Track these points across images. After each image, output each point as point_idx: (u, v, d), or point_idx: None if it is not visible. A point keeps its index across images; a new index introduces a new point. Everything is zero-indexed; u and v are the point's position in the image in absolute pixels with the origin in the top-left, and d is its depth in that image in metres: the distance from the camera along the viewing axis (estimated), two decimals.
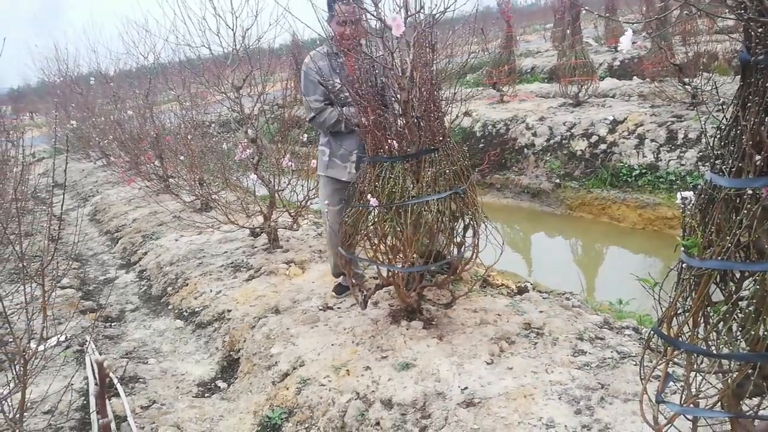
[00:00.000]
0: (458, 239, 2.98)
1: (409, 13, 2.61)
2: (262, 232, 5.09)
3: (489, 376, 2.63)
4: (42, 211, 8.76)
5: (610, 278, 5.88)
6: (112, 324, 4.24)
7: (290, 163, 4.81)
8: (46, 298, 2.36)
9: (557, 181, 7.98)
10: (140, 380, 3.22)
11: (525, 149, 8.68)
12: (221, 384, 3.27)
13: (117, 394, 2.90)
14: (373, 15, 2.65)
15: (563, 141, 8.27)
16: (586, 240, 7.15)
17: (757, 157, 1.41)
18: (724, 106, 1.54)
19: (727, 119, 1.51)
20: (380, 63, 2.73)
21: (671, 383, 1.82)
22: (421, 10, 2.64)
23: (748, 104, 1.42)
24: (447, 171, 2.79)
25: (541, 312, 3.25)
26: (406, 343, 2.96)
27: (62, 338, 3.52)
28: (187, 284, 4.58)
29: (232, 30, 4.49)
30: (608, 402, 2.36)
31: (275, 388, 2.93)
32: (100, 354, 3.45)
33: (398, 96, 2.74)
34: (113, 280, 5.39)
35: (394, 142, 2.76)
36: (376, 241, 2.92)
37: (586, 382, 2.49)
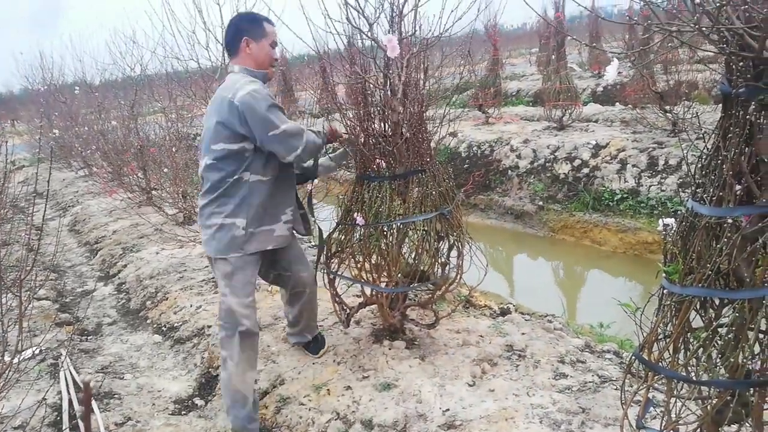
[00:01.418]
0: (442, 259, 2.99)
1: (402, 35, 2.64)
2: None
3: (471, 398, 2.62)
4: (20, 221, 8.61)
5: (591, 301, 5.92)
6: (89, 338, 4.15)
7: None
8: (22, 310, 2.31)
9: (540, 203, 8.06)
10: (115, 396, 3.15)
11: (509, 171, 8.76)
12: (199, 401, 3.21)
13: (91, 410, 2.83)
14: (366, 35, 2.68)
15: (547, 164, 8.37)
16: (568, 262, 7.20)
17: (737, 187, 1.44)
18: (705, 136, 1.57)
19: (708, 149, 1.54)
20: (372, 83, 2.75)
21: (651, 409, 1.83)
22: (415, 33, 2.67)
23: (729, 135, 1.45)
24: (433, 192, 2.81)
25: (523, 334, 3.25)
26: (388, 362, 2.95)
27: (37, 351, 3.44)
28: (167, 298, 4.52)
29: (222, 44, 4.49)
30: (589, 426, 2.36)
31: None
32: (76, 368, 3.38)
33: (389, 116, 2.75)
34: (91, 292, 5.29)
35: (382, 161, 2.77)
36: (360, 259, 2.92)
37: (567, 406, 2.49)
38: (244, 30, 2.50)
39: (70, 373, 3.23)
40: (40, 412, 2.77)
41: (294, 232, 2.79)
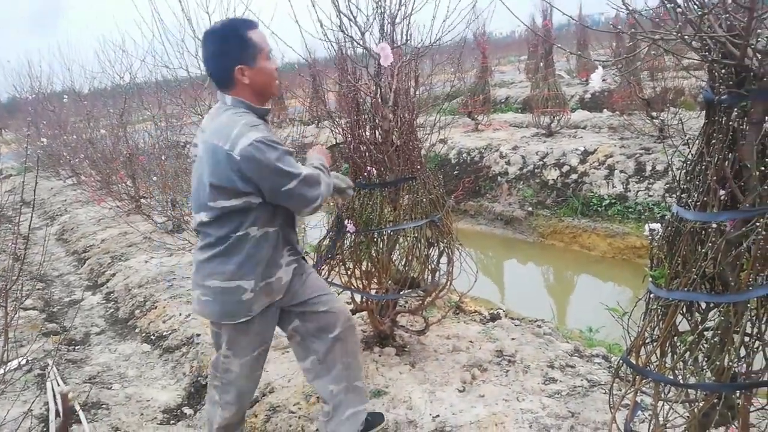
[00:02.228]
0: (433, 266, 3.00)
1: (394, 44, 2.65)
2: None
3: (461, 404, 2.62)
4: (7, 230, 8.52)
5: (580, 306, 5.95)
6: (76, 347, 4.11)
7: None
8: (8, 320, 2.28)
9: (530, 209, 8.10)
10: (103, 406, 3.12)
11: (499, 177, 8.81)
12: (188, 411, 3.18)
13: (79, 421, 2.80)
14: (359, 43, 2.69)
15: (536, 170, 8.42)
16: (558, 267, 7.24)
17: (721, 192, 1.46)
18: (690, 142, 1.59)
19: (692, 155, 1.56)
20: (363, 91, 2.76)
21: (640, 412, 1.85)
22: (407, 42, 2.69)
23: (713, 141, 1.47)
24: (424, 199, 2.82)
25: (513, 339, 3.26)
26: (378, 369, 2.94)
27: (23, 362, 3.40)
28: (156, 307, 4.48)
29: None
30: (578, 431, 2.36)
31: None
32: (63, 379, 3.34)
33: (380, 124, 2.76)
34: (79, 301, 5.24)
35: (374, 169, 2.78)
36: (351, 266, 2.92)
37: (557, 411, 2.50)
38: (236, 59, 1.96)
39: (57, 383, 3.20)
40: (26, 423, 2.73)
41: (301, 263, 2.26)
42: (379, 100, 2.73)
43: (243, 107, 2.01)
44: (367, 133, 2.80)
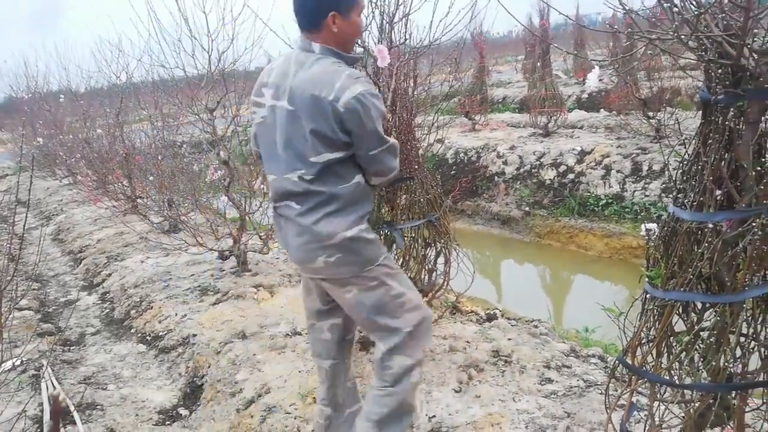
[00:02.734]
0: (430, 266, 3.00)
1: (392, 44, 2.65)
2: (231, 255, 5.02)
3: (457, 405, 2.61)
4: (2, 229, 8.50)
5: (576, 306, 5.95)
6: (71, 348, 4.09)
7: (262, 185, 4.78)
8: (2, 320, 2.27)
9: (527, 209, 8.10)
10: (98, 407, 3.11)
11: (496, 177, 8.81)
12: (183, 411, 3.17)
13: (73, 422, 2.79)
14: (357, 43, 2.68)
15: (533, 170, 8.42)
16: (554, 267, 7.24)
17: (718, 192, 1.46)
18: (686, 142, 1.59)
19: (689, 155, 1.56)
20: None
21: (635, 413, 1.84)
22: (405, 42, 2.68)
23: (709, 141, 1.47)
24: (421, 199, 2.81)
25: (509, 339, 3.26)
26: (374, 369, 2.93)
27: (18, 362, 3.39)
28: (152, 307, 4.47)
29: (208, 52, 4.48)
30: (574, 431, 2.36)
31: (239, 416, 2.85)
32: (58, 379, 3.33)
33: None
34: (74, 302, 5.22)
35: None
36: None
37: (553, 411, 2.50)
38: (333, 3, 1.86)
39: (52, 384, 3.18)
40: (20, 424, 2.72)
41: None
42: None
43: (334, 56, 1.89)
44: None
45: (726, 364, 1.48)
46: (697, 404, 1.55)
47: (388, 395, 2.03)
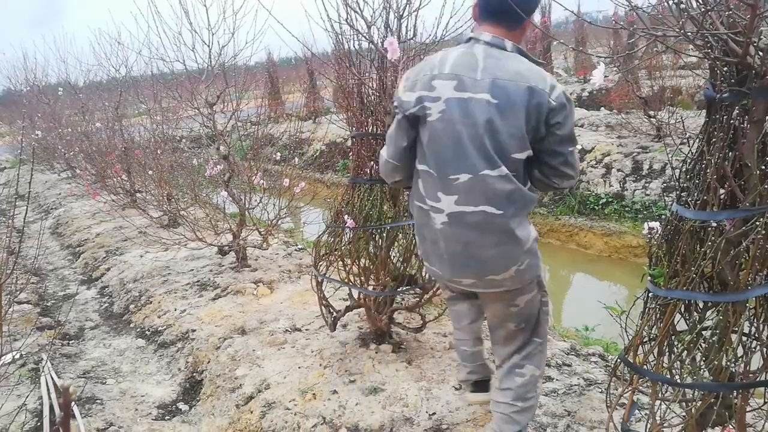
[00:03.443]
0: None
1: (401, 38, 2.63)
2: (230, 251, 5.01)
3: (457, 402, 2.61)
4: (1, 223, 8.48)
5: (577, 304, 5.95)
6: (71, 342, 4.09)
7: (262, 181, 4.77)
8: (2, 314, 2.26)
9: None
10: (97, 401, 3.11)
11: None
12: (183, 406, 3.17)
13: (73, 416, 2.78)
14: (365, 37, 2.67)
15: None
16: (554, 266, 7.24)
17: (721, 191, 1.45)
18: (689, 140, 1.59)
19: (692, 153, 1.56)
20: (368, 86, 2.74)
21: (636, 411, 1.84)
22: (414, 37, 2.67)
23: (713, 140, 1.46)
24: None
25: None
26: (374, 366, 2.93)
27: (17, 356, 3.38)
28: (151, 302, 4.46)
29: (208, 46, 4.47)
30: (574, 430, 2.36)
31: (239, 411, 2.85)
32: (57, 373, 3.32)
33: (382, 119, 2.74)
34: (73, 296, 5.21)
35: (374, 164, 2.76)
36: (349, 262, 2.90)
37: (553, 409, 2.50)
38: (532, 11, 1.87)
39: (52, 378, 3.18)
40: (20, 417, 2.72)
41: None
42: (383, 94, 2.71)
43: (524, 56, 1.83)
44: (370, 128, 2.79)
45: (728, 363, 1.48)
46: (698, 403, 1.55)
47: (519, 412, 2.04)
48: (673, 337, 1.60)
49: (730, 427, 1.56)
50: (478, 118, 1.73)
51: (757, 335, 1.48)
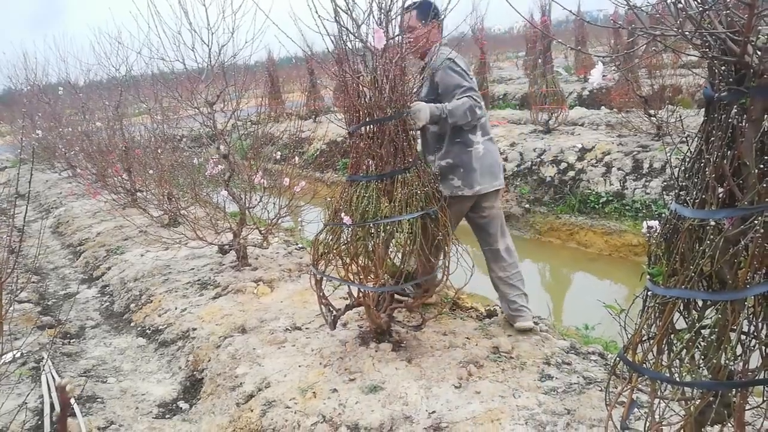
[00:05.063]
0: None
1: (389, 36, 2.64)
2: (230, 250, 5.02)
3: (457, 400, 2.62)
4: (2, 222, 8.48)
5: (577, 303, 5.96)
6: (71, 341, 4.10)
7: (262, 180, 4.78)
8: (2, 312, 2.27)
9: (527, 205, 8.10)
10: (98, 400, 3.11)
11: None
12: (183, 405, 3.18)
13: (73, 414, 2.79)
14: (354, 35, 2.67)
15: (533, 167, 8.41)
16: (554, 265, 7.24)
17: (720, 190, 1.46)
18: (688, 139, 1.59)
19: (691, 152, 1.56)
20: (362, 84, 2.74)
21: (636, 410, 1.85)
22: (402, 34, 2.68)
23: (712, 138, 1.47)
24: (419, 192, 2.81)
25: (509, 336, 3.26)
26: (374, 365, 2.94)
27: (18, 354, 3.39)
28: (151, 301, 4.47)
29: (208, 46, 4.47)
30: (574, 428, 2.37)
31: (239, 410, 2.86)
32: (58, 372, 3.33)
33: (376, 115, 2.75)
34: (74, 294, 5.22)
35: (372, 162, 2.77)
36: (347, 260, 2.91)
37: (553, 408, 2.50)
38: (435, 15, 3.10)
39: (52, 376, 3.19)
40: (20, 416, 2.73)
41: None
42: (377, 92, 2.72)
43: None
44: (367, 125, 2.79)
45: (727, 361, 1.48)
46: (697, 402, 1.56)
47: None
48: (672, 335, 1.61)
49: (729, 425, 1.56)
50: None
51: (755, 334, 1.48)
